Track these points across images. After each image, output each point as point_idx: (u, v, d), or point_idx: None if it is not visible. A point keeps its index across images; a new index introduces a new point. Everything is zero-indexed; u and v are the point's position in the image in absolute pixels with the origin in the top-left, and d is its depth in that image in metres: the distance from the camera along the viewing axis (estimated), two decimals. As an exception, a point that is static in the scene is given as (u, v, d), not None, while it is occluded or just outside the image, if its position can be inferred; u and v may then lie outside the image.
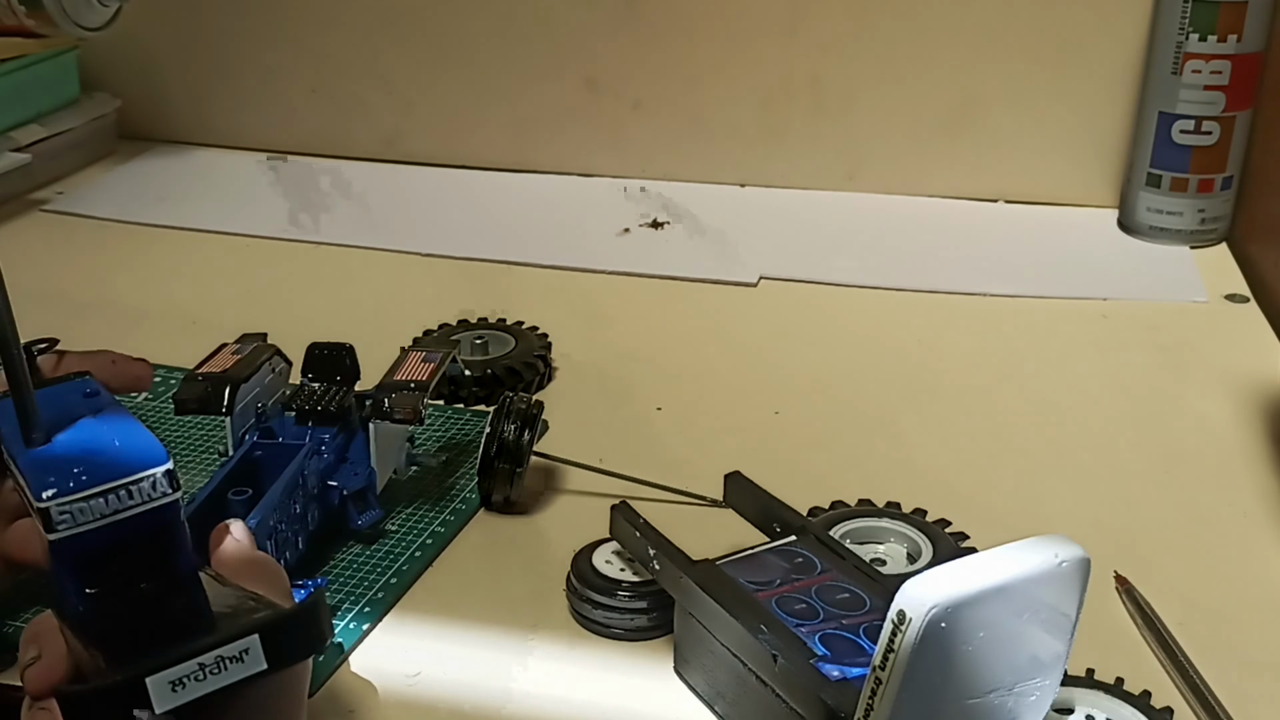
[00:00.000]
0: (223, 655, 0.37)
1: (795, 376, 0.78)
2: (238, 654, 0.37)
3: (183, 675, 0.36)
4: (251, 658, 0.37)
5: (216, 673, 0.37)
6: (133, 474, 0.40)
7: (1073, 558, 0.41)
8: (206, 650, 0.36)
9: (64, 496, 0.39)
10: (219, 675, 0.37)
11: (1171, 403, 0.75)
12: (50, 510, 0.38)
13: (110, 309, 0.88)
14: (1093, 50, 0.99)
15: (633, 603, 0.55)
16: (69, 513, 0.39)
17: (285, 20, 1.13)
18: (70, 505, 0.39)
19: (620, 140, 1.10)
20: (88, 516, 0.39)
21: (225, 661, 0.37)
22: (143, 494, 0.40)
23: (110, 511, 0.39)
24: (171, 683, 0.36)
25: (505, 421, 0.62)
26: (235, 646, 0.37)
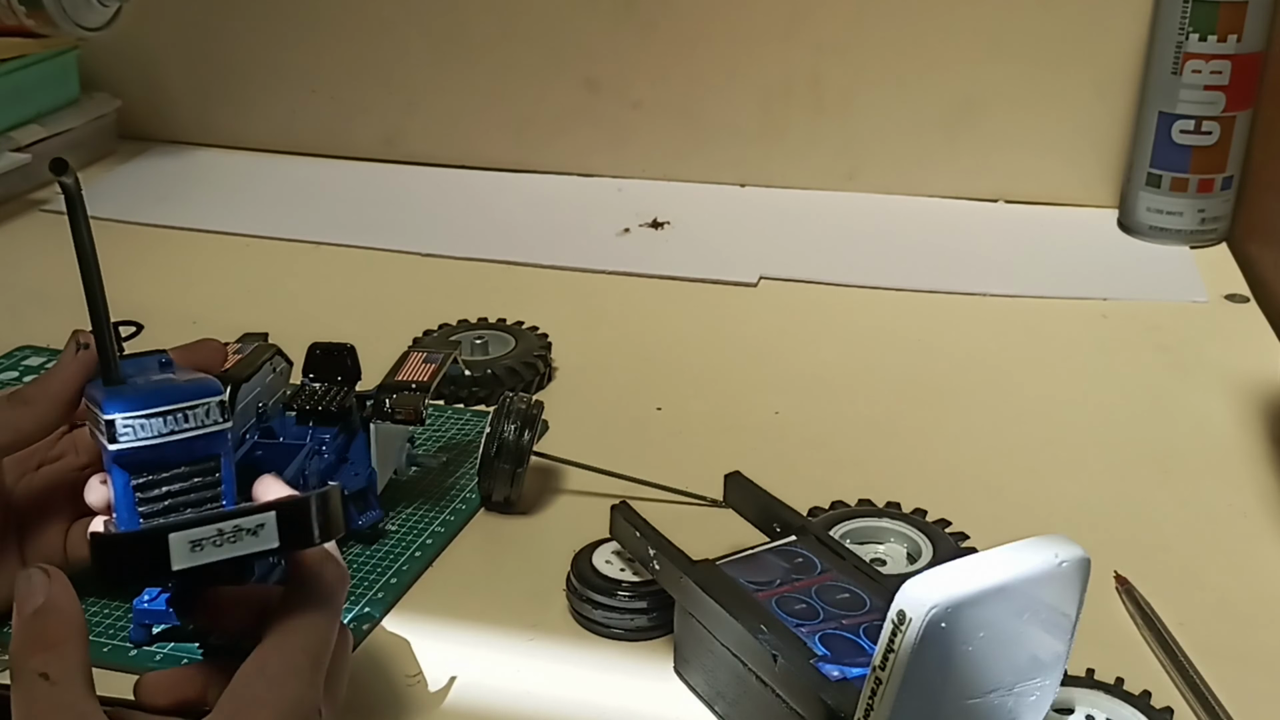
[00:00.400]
0: (240, 525, 0.41)
1: (795, 376, 0.78)
2: (254, 527, 0.42)
3: (202, 538, 0.41)
4: (266, 533, 0.42)
5: (234, 541, 0.41)
6: (190, 400, 0.45)
7: (1073, 558, 0.41)
8: (226, 519, 0.41)
9: (127, 412, 0.44)
10: (235, 544, 0.41)
11: (1171, 403, 0.75)
12: (116, 422, 0.44)
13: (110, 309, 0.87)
14: (1093, 50, 0.99)
15: (633, 603, 0.55)
16: (131, 426, 0.44)
17: (285, 20, 1.13)
18: (132, 420, 0.44)
19: (620, 140, 1.10)
20: (147, 432, 0.44)
21: (242, 532, 0.41)
22: (196, 419, 0.45)
23: (167, 431, 0.44)
24: (191, 542, 0.41)
25: (505, 421, 0.62)
26: (252, 520, 0.42)
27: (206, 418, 0.45)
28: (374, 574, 0.58)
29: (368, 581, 0.58)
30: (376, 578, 0.58)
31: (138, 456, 0.45)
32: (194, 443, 0.45)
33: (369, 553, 0.60)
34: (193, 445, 0.45)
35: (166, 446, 0.45)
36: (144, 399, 0.45)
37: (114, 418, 0.44)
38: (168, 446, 0.45)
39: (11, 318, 0.86)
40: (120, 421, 0.44)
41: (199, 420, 0.45)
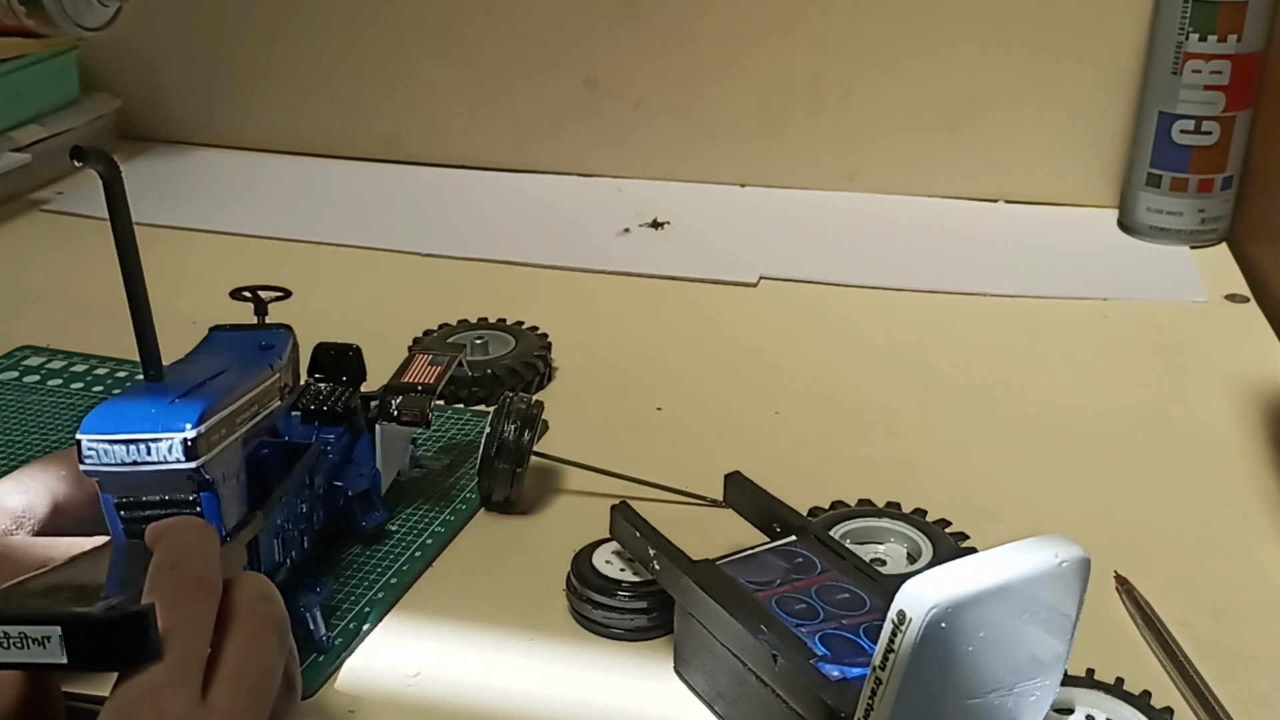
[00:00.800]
0: (26, 633, 0.37)
1: (795, 376, 0.78)
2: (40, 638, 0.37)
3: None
4: (51, 647, 0.37)
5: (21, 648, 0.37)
6: (153, 433, 0.44)
7: (1073, 558, 0.41)
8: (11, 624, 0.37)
9: (94, 434, 0.44)
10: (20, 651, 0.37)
11: (1171, 403, 0.75)
12: (82, 442, 0.44)
13: (110, 309, 0.87)
14: (1093, 50, 0.99)
15: (633, 603, 0.55)
16: (94, 450, 0.44)
17: (285, 20, 1.13)
18: (96, 444, 0.44)
19: (620, 140, 1.10)
20: (111, 459, 0.44)
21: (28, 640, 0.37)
22: (159, 453, 0.44)
23: (130, 461, 0.44)
24: None
25: (505, 421, 0.62)
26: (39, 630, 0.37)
27: (169, 454, 0.44)
28: (374, 574, 0.58)
29: (368, 582, 0.58)
30: (376, 578, 0.58)
31: (109, 478, 0.44)
32: (164, 475, 0.45)
33: (369, 553, 0.60)
34: (164, 476, 0.45)
35: (135, 474, 0.44)
36: (116, 420, 0.44)
37: (81, 438, 0.44)
38: (136, 474, 0.44)
39: (11, 318, 0.86)
40: (85, 442, 0.44)
41: (161, 455, 0.44)
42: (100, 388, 0.75)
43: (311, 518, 0.57)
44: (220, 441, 0.47)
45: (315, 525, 0.58)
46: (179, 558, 0.40)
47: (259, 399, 0.52)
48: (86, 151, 0.43)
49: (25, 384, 0.76)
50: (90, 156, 0.43)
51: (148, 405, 0.45)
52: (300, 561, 0.56)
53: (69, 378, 0.77)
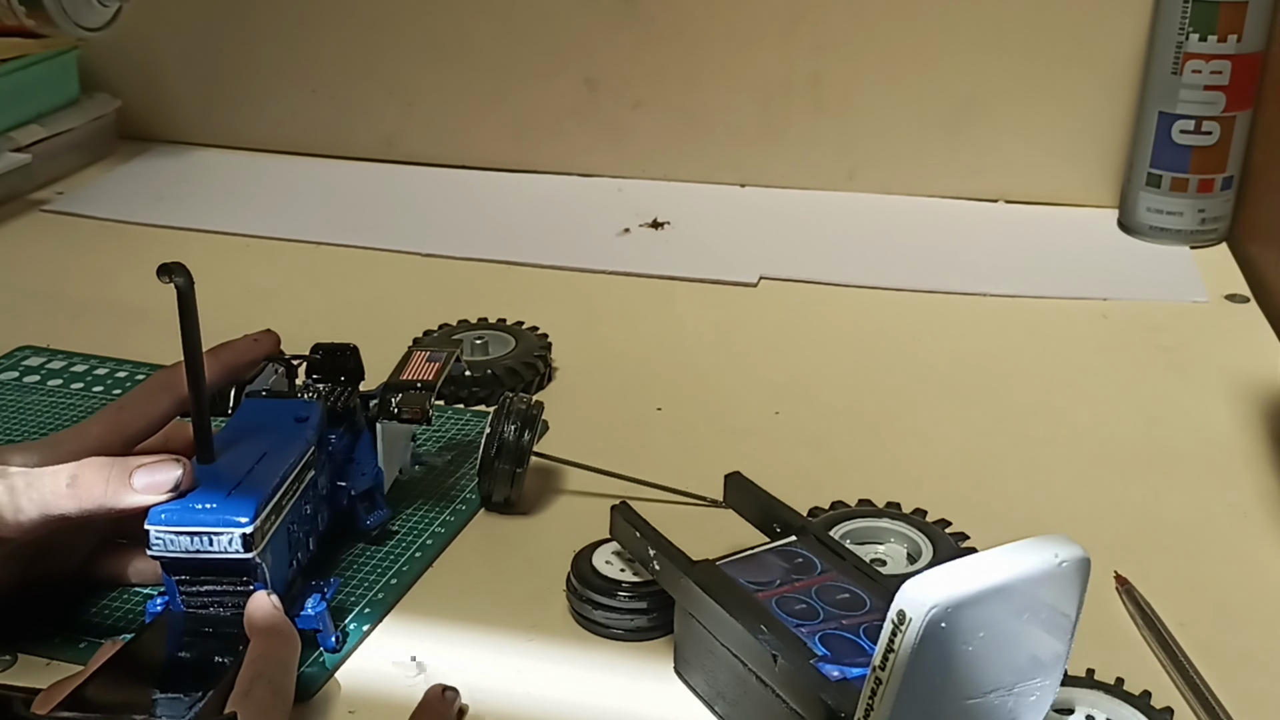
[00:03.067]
0: None
1: (795, 376, 0.78)
2: None
3: None
4: None
5: None
6: (214, 527, 0.49)
7: (1073, 558, 0.41)
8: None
9: (159, 526, 0.49)
10: None
11: (1171, 403, 0.75)
12: (150, 532, 0.49)
13: (110, 309, 0.88)
14: (1093, 50, 0.99)
15: (633, 603, 0.55)
16: (161, 539, 0.49)
17: (285, 20, 1.13)
18: (163, 534, 0.49)
19: (620, 140, 1.10)
20: (176, 547, 0.49)
21: None
22: (220, 545, 0.49)
23: (194, 550, 0.49)
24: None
25: (505, 421, 0.62)
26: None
27: (229, 546, 0.49)
28: (374, 574, 0.58)
29: (368, 582, 0.58)
30: (377, 578, 0.58)
31: (173, 563, 0.50)
32: (224, 562, 0.50)
33: (369, 553, 0.60)
34: (224, 563, 0.50)
35: (197, 561, 0.50)
36: (180, 513, 0.49)
37: (149, 528, 0.49)
38: (198, 561, 0.50)
39: (11, 318, 0.86)
40: (153, 533, 0.49)
41: (221, 547, 0.49)
42: (100, 388, 0.75)
43: (316, 519, 0.57)
44: (270, 528, 0.51)
45: (320, 526, 0.58)
46: (274, 673, 0.47)
47: (299, 476, 0.54)
48: (170, 268, 0.50)
49: (25, 384, 0.76)
50: (173, 273, 0.50)
51: (207, 497, 0.50)
52: (306, 563, 0.56)
53: (69, 378, 0.77)
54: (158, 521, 0.49)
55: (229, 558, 0.49)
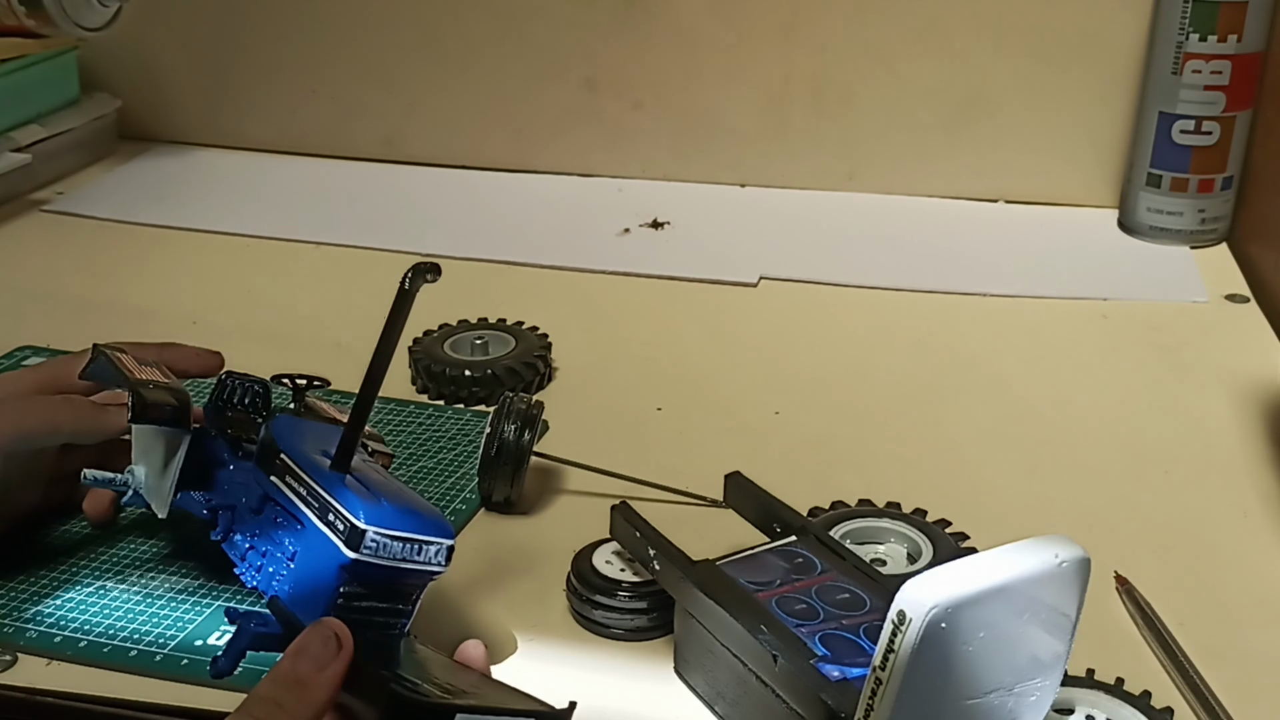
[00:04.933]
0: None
1: (795, 376, 0.78)
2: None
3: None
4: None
5: None
6: (430, 536, 0.45)
7: (1073, 558, 0.41)
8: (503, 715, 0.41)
9: (380, 528, 0.44)
10: None
11: (1171, 403, 0.75)
12: (367, 534, 0.44)
13: (110, 309, 0.88)
14: (1093, 50, 0.99)
15: (633, 603, 0.55)
16: (376, 543, 0.44)
17: (285, 20, 1.13)
18: (380, 537, 0.44)
19: (620, 140, 1.10)
20: (387, 553, 0.44)
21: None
22: (426, 555, 0.46)
23: (402, 557, 0.45)
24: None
25: (505, 421, 0.62)
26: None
27: (435, 558, 0.46)
28: (374, 574, 0.58)
29: (368, 581, 0.58)
30: (376, 578, 0.58)
31: (364, 569, 0.44)
32: (412, 574, 0.46)
33: (369, 553, 0.60)
34: (409, 575, 0.46)
35: (392, 569, 0.45)
36: (395, 517, 0.45)
37: (367, 529, 0.44)
38: (392, 569, 0.45)
39: (11, 318, 0.86)
40: (372, 534, 0.44)
41: (428, 558, 0.46)
42: (100, 388, 0.75)
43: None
44: None
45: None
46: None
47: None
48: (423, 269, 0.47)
49: (25, 384, 0.76)
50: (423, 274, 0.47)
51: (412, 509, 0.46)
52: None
53: (69, 378, 0.76)
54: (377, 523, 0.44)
55: (426, 569, 0.46)
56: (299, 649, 0.42)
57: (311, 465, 0.48)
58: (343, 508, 0.45)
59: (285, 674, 0.42)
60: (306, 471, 0.47)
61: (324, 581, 0.45)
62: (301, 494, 0.47)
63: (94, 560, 0.59)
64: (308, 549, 0.46)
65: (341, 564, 0.44)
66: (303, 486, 0.47)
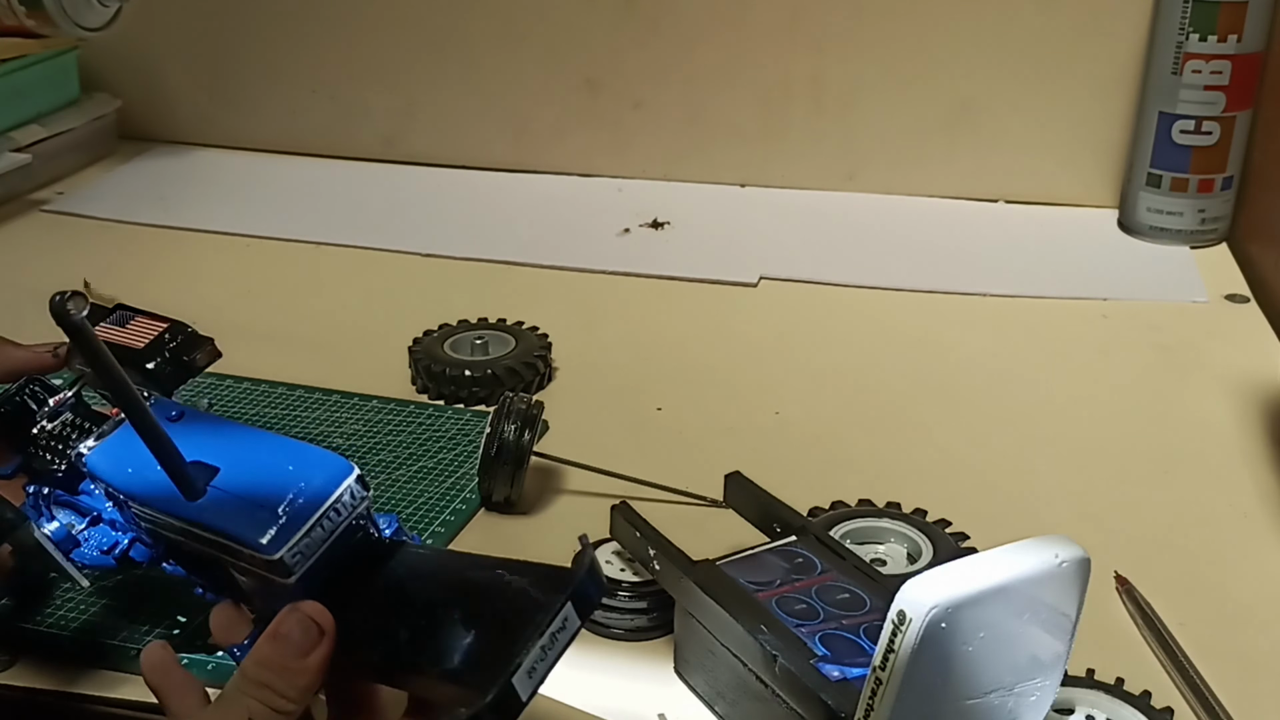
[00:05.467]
0: (556, 636, 0.39)
1: (795, 376, 0.78)
2: (561, 624, 0.39)
3: (534, 662, 0.38)
4: (570, 622, 0.39)
5: (551, 648, 0.38)
6: (331, 495, 0.41)
7: (1073, 558, 0.41)
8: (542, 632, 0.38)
9: (289, 543, 0.40)
10: (553, 649, 0.39)
11: (1171, 403, 0.75)
12: (284, 559, 0.40)
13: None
14: (1093, 50, 0.99)
15: (633, 603, 0.55)
16: (299, 553, 0.40)
17: (285, 20, 1.13)
18: (299, 546, 0.40)
19: (620, 140, 1.10)
20: (312, 550, 0.41)
21: (556, 636, 0.39)
22: (345, 509, 0.42)
23: (326, 536, 0.41)
24: (529, 671, 0.38)
25: (505, 421, 0.62)
26: (560, 618, 0.39)
27: (352, 501, 0.42)
28: (374, 574, 0.58)
29: (368, 581, 0.58)
30: (376, 578, 0.58)
31: (311, 569, 0.41)
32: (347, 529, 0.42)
33: (369, 553, 0.60)
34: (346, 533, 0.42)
35: (330, 547, 0.41)
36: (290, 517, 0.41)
37: (280, 555, 0.40)
38: (331, 547, 0.41)
39: (11, 318, 0.86)
40: (288, 557, 0.40)
41: (347, 509, 0.42)
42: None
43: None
44: None
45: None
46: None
47: None
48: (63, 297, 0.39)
49: (25, 384, 0.76)
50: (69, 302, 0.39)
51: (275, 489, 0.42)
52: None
53: (69, 378, 0.76)
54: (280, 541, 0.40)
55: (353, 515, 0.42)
56: (278, 635, 0.41)
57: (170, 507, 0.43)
58: (244, 546, 0.41)
59: (269, 659, 0.40)
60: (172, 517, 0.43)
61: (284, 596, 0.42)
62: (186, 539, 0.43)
63: (94, 560, 0.59)
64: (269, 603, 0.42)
65: (290, 590, 0.41)
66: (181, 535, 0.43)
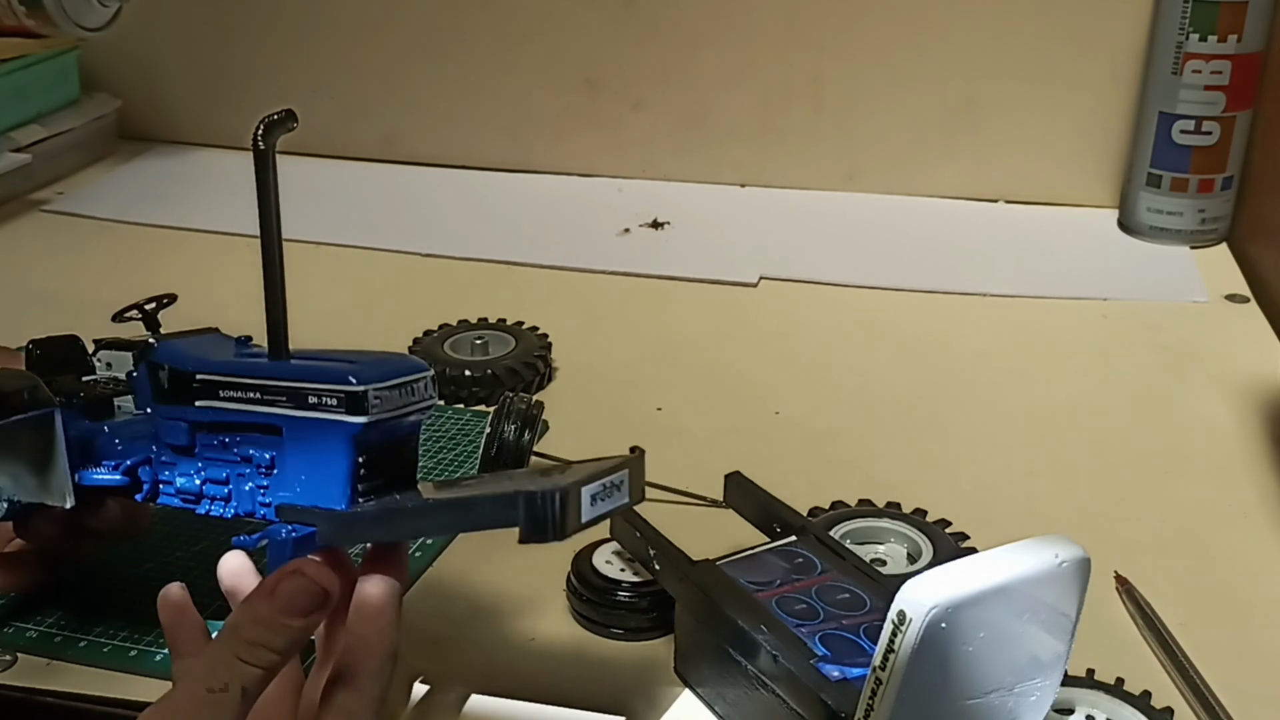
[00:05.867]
0: (613, 481, 0.42)
1: (795, 376, 0.78)
2: (618, 484, 0.42)
3: (596, 493, 0.41)
4: (623, 490, 0.43)
5: (608, 497, 0.42)
6: (416, 374, 0.45)
7: (1073, 558, 0.41)
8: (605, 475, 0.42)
9: (374, 383, 0.43)
10: (609, 501, 0.42)
11: (1171, 403, 0.75)
12: (367, 393, 0.43)
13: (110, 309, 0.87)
14: (1093, 50, 0.99)
15: (633, 603, 0.55)
16: (379, 398, 0.43)
17: (285, 20, 1.13)
18: (381, 391, 0.43)
19: (620, 140, 1.10)
20: (389, 405, 0.44)
21: (614, 486, 0.42)
22: (420, 392, 0.45)
23: (402, 404, 0.44)
24: (593, 496, 0.41)
25: (505, 421, 0.62)
26: (617, 475, 0.42)
27: (425, 392, 0.45)
28: (374, 574, 0.58)
29: (368, 581, 0.58)
30: (376, 578, 0.58)
31: (374, 431, 0.43)
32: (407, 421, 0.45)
33: (369, 553, 0.60)
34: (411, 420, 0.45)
35: (397, 421, 0.44)
36: (377, 370, 0.44)
37: (366, 389, 0.43)
38: (398, 421, 0.44)
39: (11, 318, 0.86)
40: (373, 393, 0.43)
41: (420, 395, 0.45)
42: (100, 388, 0.75)
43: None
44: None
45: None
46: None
47: None
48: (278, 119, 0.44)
49: (25, 384, 0.76)
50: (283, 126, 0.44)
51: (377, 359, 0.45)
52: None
53: (69, 378, 0.76)
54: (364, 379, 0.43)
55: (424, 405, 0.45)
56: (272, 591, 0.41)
57: (248, 368, 0.46)
58: (323, 384, 0.44)
59: (265, 617, 0.41)
60: (248, 376, 0.46)
61: (336, 463, 0.44)
62: (255, 398, 0.45)
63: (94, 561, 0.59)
64: (298, 443, 0.45)
65: (353, 434, 0.43)
66: (253, 391, 0.45)
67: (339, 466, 0.44)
